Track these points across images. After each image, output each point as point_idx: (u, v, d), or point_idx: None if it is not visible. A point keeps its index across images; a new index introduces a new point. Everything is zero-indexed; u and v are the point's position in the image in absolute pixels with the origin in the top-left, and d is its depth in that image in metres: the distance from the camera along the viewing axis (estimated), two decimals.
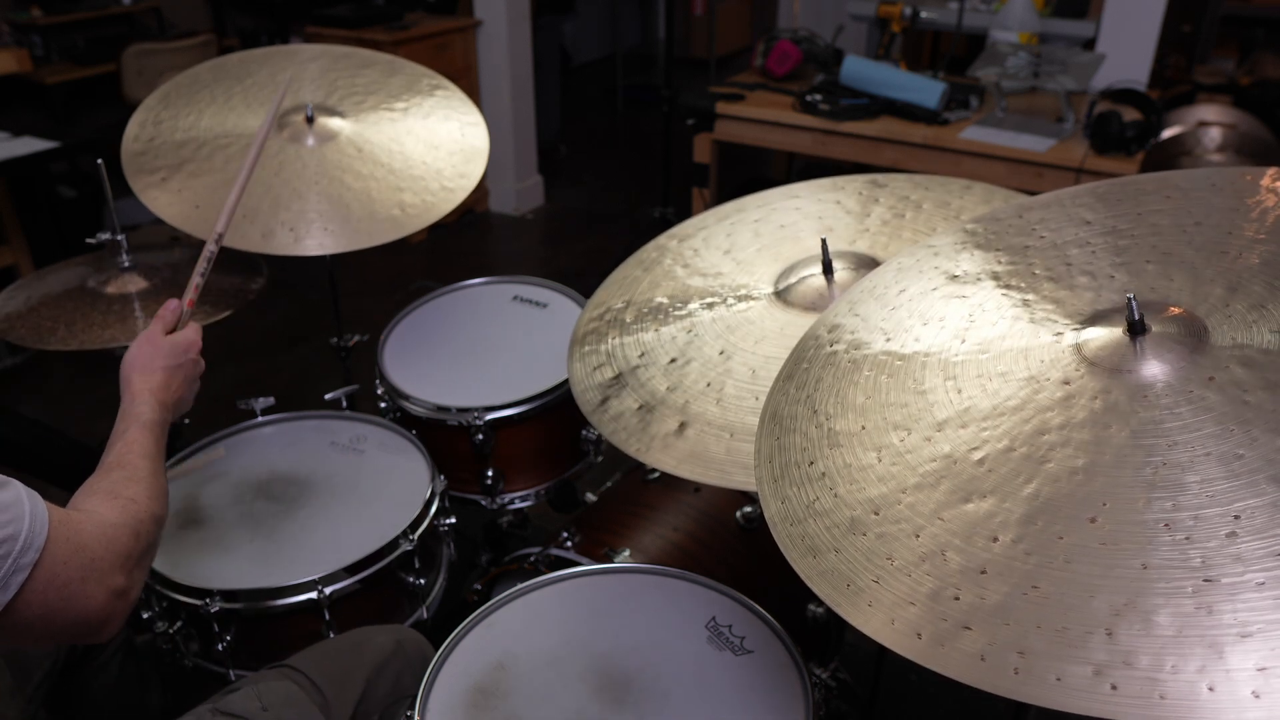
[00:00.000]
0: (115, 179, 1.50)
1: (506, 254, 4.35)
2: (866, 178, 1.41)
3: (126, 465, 1.04)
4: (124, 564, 0.92)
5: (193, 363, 1.23)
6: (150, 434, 1.09)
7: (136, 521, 0.97)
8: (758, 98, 3.24)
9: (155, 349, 1.19)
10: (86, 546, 0.89)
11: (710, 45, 6.24)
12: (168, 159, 1.57)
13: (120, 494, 0.99)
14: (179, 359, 1.20)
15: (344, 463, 1.49)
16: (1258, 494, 0.64)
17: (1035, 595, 0.64)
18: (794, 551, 0.77)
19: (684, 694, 1.04)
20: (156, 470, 1.07)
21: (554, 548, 1.48)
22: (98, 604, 0.89)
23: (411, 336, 1.78)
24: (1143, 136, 2.64)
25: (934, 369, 0.86)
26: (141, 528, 0.98)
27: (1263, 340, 0.74)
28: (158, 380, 1.16)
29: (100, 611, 0.89)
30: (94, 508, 0.96)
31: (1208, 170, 0.96)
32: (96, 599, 0.89)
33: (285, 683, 1.12)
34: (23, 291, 1.54)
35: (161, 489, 1.06)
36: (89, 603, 0.88)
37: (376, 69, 1.83)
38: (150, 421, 1.11)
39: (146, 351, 1.19)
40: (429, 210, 1.60)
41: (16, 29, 4.29)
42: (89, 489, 1.00)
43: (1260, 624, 0.57)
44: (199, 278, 1.31)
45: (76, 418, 2.95)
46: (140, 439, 1.08)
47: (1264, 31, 4.37)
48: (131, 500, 0.99)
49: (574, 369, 1.24)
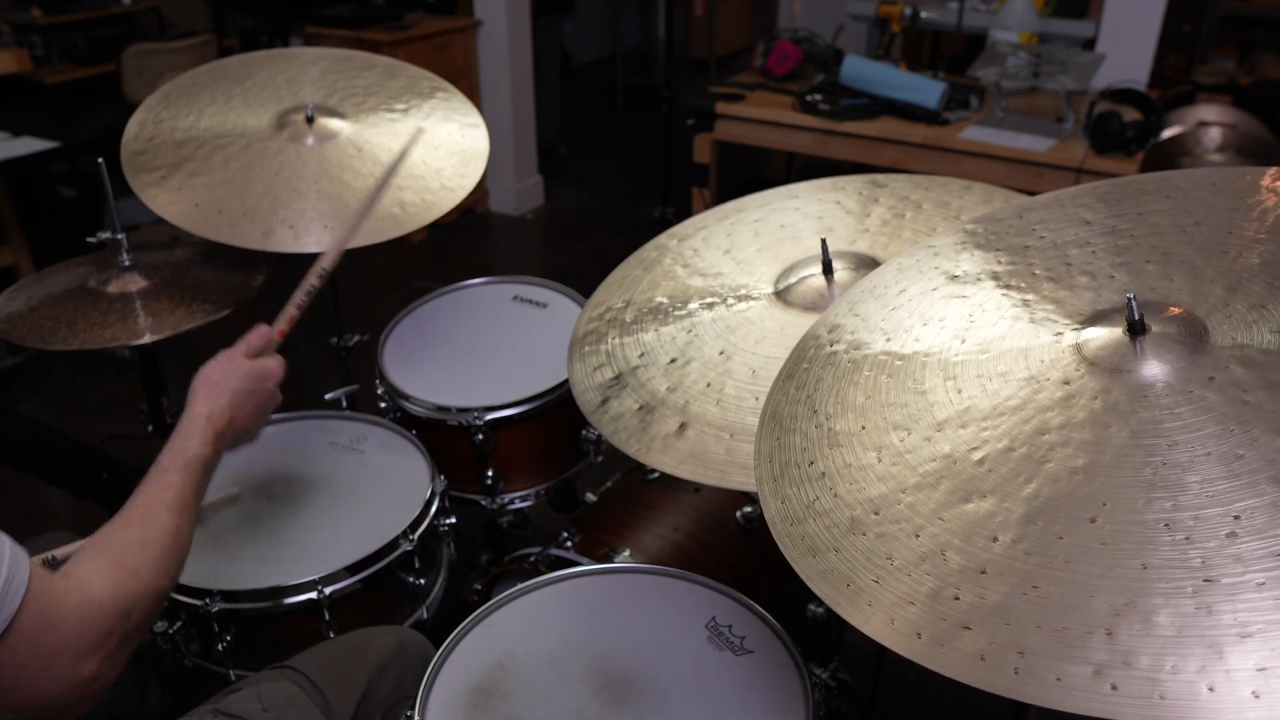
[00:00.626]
0: (115, 179, 1.50)
1: (506, 254, 4.35)
2: (866, 178, 1.41)
3: (148, 523, 0.95)
4: (99, 647, 0.82)
5: (268, 393, 1.15)
6: (190, 477, 1.01)
7: (130, 600, 0.87)
8: (758, 98, 3.24)
9: (231, 369, 1.12)
10: (60, 624, 0.79)
11: (710, 45, 6.24)
12: (168, 158, 1.57)
13: (125, 563, 0.89)
14: (254, 385, 1.12)
15: (344, 463, 1.49)
16: (1258, 494, 0.64)
17: (1035, 595, 0.64)
18: (794, 551, 0.77)
19: (684, 694, 1.04)
20: (181, 527, 0.97)
21: (554, 548, 1.48)
22: (56, 691, 0.79)
23: (411, 336, 1.78)
24: (1143, 136, 2.64)
25: (934, 369, 0.86)
26: (135, 606, 0.88)
27: (1263, 340, 0.74)
28: (222, 404, 1.08)
29: (58, 698, 0.80)
30: (88, 575, 0.86)
31: (1208, 170, 0.96)
32: (56, 686, 0.79)
33: (286, 683, 1.12)
34: (23, 291, 1.54)
35: (179, 552, 0.97)
36: (46, 688, 0.79)
37: (376, 71, 1.83)
38: (195, 459, 1.02)
39: (222, 370, 1.11)
40: (429, 209, 1.60)
41: (16, 29, 4.28)
42: (99, 545, 0.91)
43: (1260, 624, 0.57)
44: (295, 309, 1.25)
45: (76, 418, 2.95)
46: (177, 484, 0.99)
47: (1264, 31, 4.37)
48: (134, 573, 0.89)
49: (574, 369, 1.24)
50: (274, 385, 1.16)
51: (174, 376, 1.93)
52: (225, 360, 1.13)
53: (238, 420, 1.10)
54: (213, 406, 1.08)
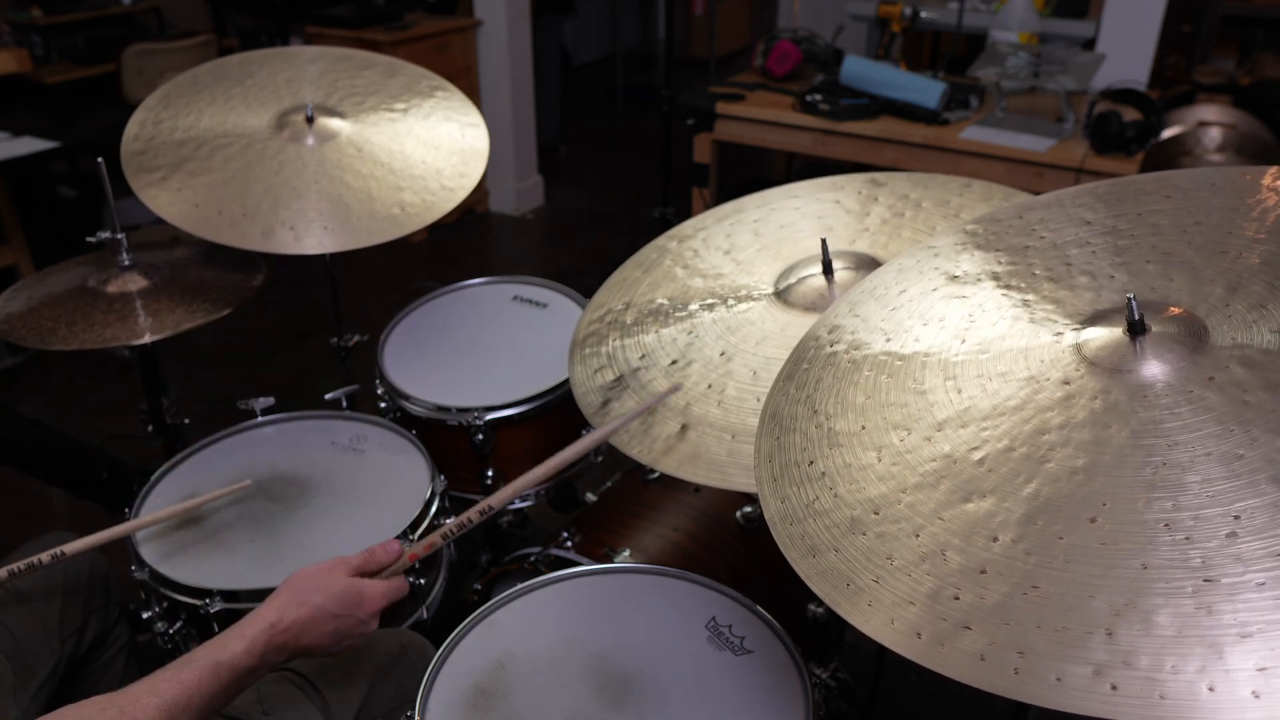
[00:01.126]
0: (115, 179, 1.50)
1: (506, 254, 4.35)
2: (865, 177, 1.41)
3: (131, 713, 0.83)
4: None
5: (355, 622, 1.00)
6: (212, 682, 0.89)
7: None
8: (758, 98, 3.24)
9: (327, 581, 0.99)
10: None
11: (710, 45, 6.24)
12: (168, 158, 1.57)
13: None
14: (341, 609, 0.99)
15: (344, 463, 1.49)
16: (1258, 494, 0.64)
17: (1035, 595, 0.64)
18: (794, 551, 0.77)
19: (684, 694, 1.04)
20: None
21: (554, 548, 1.48)
22: None
23: (411, 336, 1.78)
24: (1143, 136, 2.64)
25: (934, 369, 0.86)
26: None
27: (1263, 340, 0.74)
28: (298, 616, 0.96)
29: None
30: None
31: (1208, 170, 0.95)
32: None
33: (287, 685, 1.12)
34: (23, 291, 1.54)
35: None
36: None
37: (376, 70, 1.83)
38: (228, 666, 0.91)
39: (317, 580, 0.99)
40: (429, 210, 1.60)
41: (16, 29, 4.29)
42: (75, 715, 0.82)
43: (1260, 624, 0.57)
44: (440, 538, 1.09)
45: (76, 418, 2.95)
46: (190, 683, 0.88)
47: (1264, 31, 4.38)
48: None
49: (575, 371, 1.24)
50: (367, 615, 1.01)
51: (174, 376, 1.93)
52: (327, 570, 1.00)
53: (306, 639, 0.98)
54: (284, 615, 0.96)
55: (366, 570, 1.03)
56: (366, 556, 1.04)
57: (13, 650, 1.22)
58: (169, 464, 1.46)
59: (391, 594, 1.04)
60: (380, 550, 1.05)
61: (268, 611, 0.96)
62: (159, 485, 1.43)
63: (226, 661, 0.91)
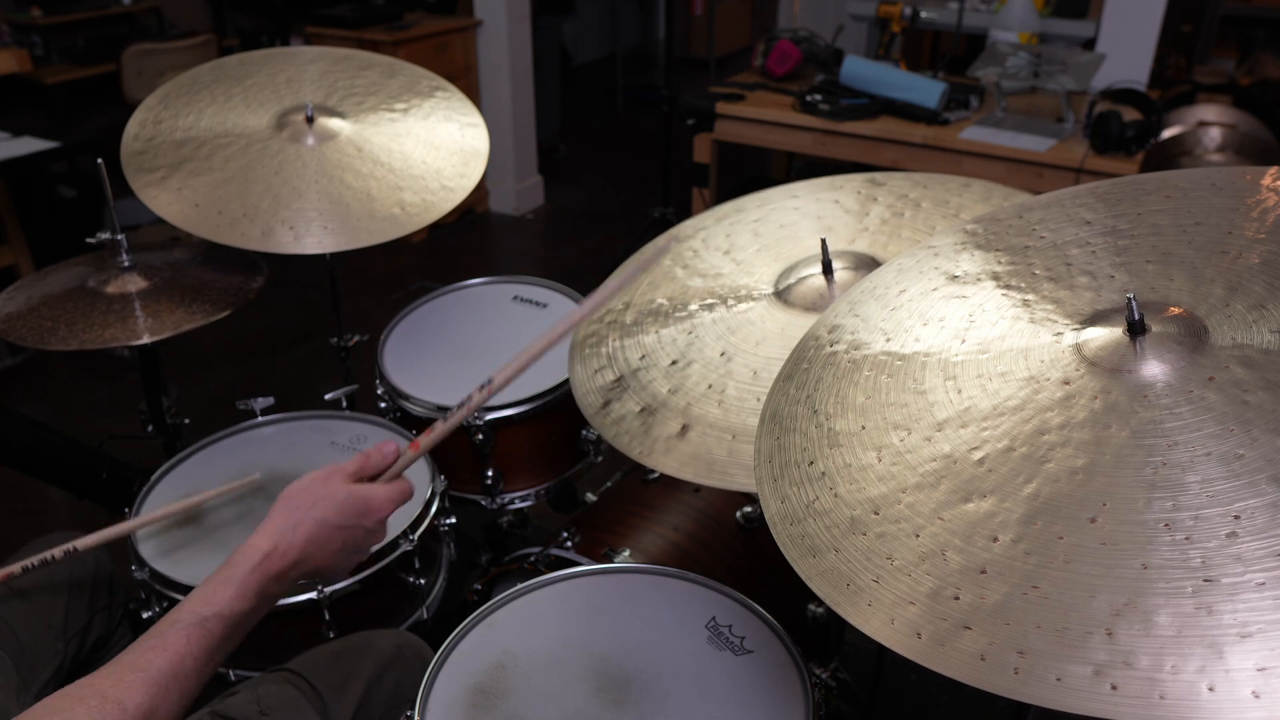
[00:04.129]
0: (115, 179, 1.50)
1: (506, 254, 4.35)
2: (865, 176, 1.41)
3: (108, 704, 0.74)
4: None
5: (364, 532, 0.93)
6: (202, 639, 0.81)
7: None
8: (758, 98, 3.24)
9: (324, 493, 0.91)
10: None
11: (710, 45, 6.25)
12: (168, 158, 1.57)
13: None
14: (346, 519, 0.91)
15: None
16: (1258, 494, 0.64)
17: (1035, 595, 0.64)
18: (794, 551, 0.77)
19: (684, 694, 1.04)
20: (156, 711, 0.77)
21: (554, 548, 1.48)
22: None
23: (411, 336, 1.78)
24: (1143, 136, 2.64)
25: (934, 369, 0.86)
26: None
27: (1263, 340, 0.74)
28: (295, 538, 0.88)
29: None
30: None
31: (1208, 170, 0.95)
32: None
33: (284, 686, 1.12)
34: (23, 291, 1.54)
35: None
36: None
37: (376, 70, 1.83)
38: (218, 617, 0.83)
39: (313, 493, 0.91)
40: (429, 209, 1.60)
41: (16, 29, 4.29)
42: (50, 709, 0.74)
43: (1260, 624, 0.57)
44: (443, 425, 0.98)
45: (76, 418, 2.95)
46: (176, 648, 0.80)
47: (1264, 31, 4.38)
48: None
49: (575, 372, 1.24)
50: (375, 523, 0.93)
51: (174, 376, 1.94)
52: (321, 481, 0.92)
53: (312, 560, 0.90)
54: (280, 540, 0.88)
55: (364, 475, 0.95)
56: (363, 460, 0.95)
57: (16, 649, 1.22)
58: (169, 464, 1.46)
59: (398, 497, 0.95)
60: (375, 453, 0.96)
61: (260, 541, 0.88)
62: (159, 485, 1.43)
63: (216, 613, 0.84)
